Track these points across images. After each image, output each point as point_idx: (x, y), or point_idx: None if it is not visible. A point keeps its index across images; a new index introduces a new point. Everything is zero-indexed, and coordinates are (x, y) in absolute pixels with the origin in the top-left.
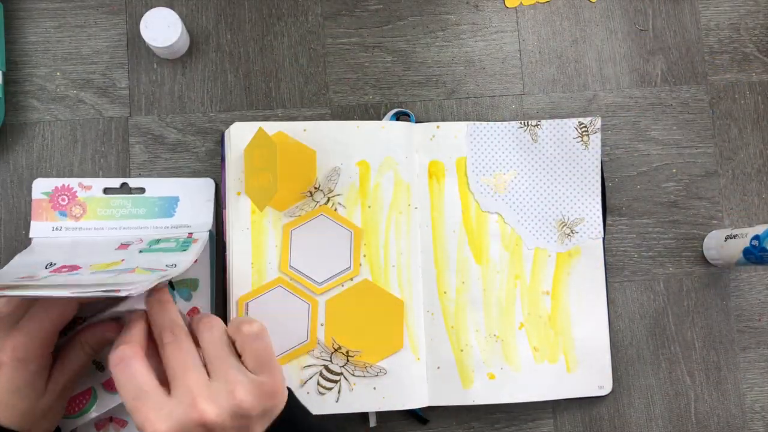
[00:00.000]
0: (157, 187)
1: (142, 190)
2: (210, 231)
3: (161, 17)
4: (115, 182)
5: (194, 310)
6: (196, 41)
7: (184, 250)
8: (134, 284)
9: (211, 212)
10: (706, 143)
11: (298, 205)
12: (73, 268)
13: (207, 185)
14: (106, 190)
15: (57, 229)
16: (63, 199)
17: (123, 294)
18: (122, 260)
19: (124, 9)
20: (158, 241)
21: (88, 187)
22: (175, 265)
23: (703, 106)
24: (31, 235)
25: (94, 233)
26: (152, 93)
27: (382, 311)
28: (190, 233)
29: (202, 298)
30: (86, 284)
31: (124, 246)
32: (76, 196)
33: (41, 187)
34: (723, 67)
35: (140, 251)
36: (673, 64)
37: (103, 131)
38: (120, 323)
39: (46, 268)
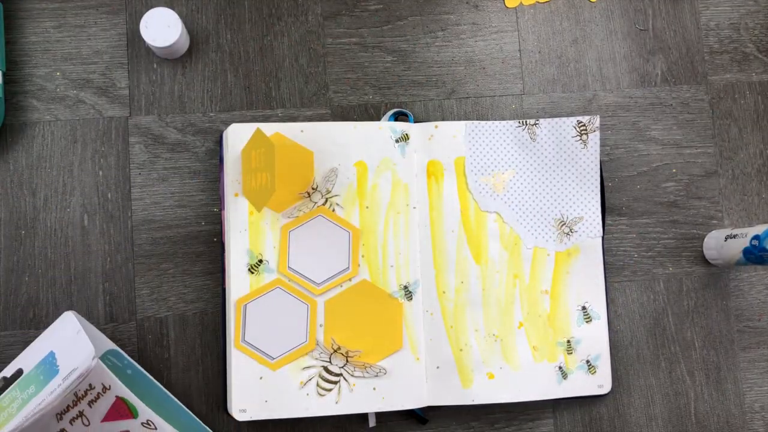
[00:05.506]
0: (29, 358)
1: (20, 372)
2: (96, 358)
3: (161, 17)
4: None
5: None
6: (196, 41)
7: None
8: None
9: (87, 341)
10: (706, 143)
11: (296, 206)
12: None
13: (68, 320)
14: None
15: None
16: None
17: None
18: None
19: (124, 9)
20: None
21: None
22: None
23: (703, 106)
24: None
25: None
26: (152, 93)
27: (380, 311)
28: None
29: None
30: None
31: None
32: None
33: None
34: (723, 67)
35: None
36: (673, 64)
37: (103, 131)
38: None
39: None
